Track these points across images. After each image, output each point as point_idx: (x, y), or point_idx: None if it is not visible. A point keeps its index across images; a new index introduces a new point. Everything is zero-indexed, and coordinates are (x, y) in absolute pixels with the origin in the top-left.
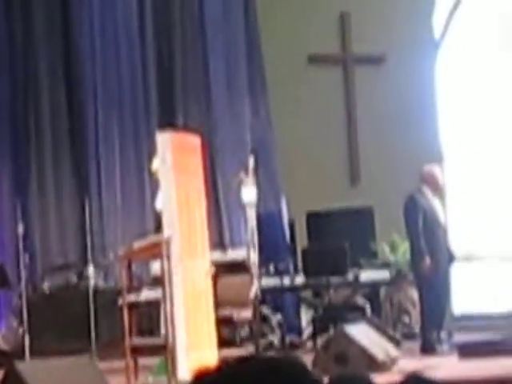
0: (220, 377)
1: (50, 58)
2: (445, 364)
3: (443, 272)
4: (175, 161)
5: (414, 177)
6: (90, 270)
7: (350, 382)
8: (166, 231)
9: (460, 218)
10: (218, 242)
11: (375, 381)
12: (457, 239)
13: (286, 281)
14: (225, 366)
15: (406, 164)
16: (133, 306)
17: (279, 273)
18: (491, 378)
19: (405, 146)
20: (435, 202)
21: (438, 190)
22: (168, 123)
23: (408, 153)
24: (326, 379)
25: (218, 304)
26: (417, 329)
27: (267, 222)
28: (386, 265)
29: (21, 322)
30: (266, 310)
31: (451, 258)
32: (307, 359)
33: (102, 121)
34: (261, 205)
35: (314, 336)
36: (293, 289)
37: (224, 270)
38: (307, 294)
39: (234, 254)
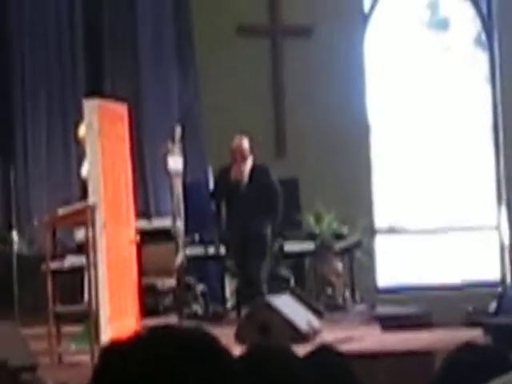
0: (127, 348)
1: None
2: (367, 336)
3: None
4: (102, 128)
5: (341, 149)
6: (14, 235)
7: (268, 353)
8: (91, 198)
9: (385, 190)
10: (144, 211)
11: (297, 352)
12: (381, 211)
13: (211, 250)
14: (136, 337)
15: (333, 136)
16: (56, 273)
17: (204, 242)
18: (412, 350)
19: (332, 117)
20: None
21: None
22: (95, 91)
23: (335, 125)
24: (245, 349)
25: (142, 272)
26: (340, 300)
27: (193, 192)
28: (310, 236)
29: None
30: (190, 279)
31: None
32: (231, 330)
33: (29, 88)
34: (187, 174)
35: (237, 306)
36: (217, 258)
37: (149, 238)
38: (232, 264)
39: (160, 223)
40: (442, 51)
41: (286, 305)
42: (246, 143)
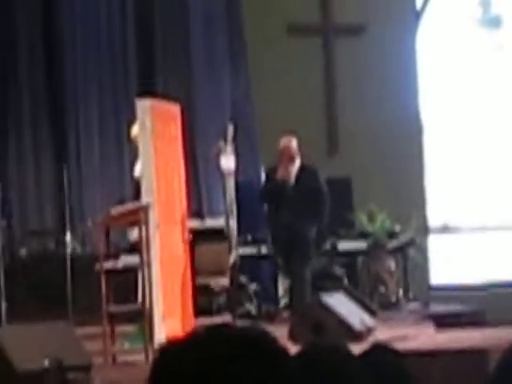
0: (183, 347)
1: (28, 28)
2: (420, 334)
3: None
4: (155, 128)
5: (394, 147)
6: (68, 236)
7: (323, 351)
8: (144, 198)
9: (438, 188)
10: (197, 210)
11: (351, 350)
12: (434, 210)
13: (264, 250)
14: (191, 336)
15: (386, 135)
16: (110, 273)
17: (257, 241)
18: (467, 349)
19: (384, 116)
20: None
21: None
22: (147, 91)
23: (388, 123)
24: (300, 348)
25: (195, 272)
26: (393, 299)
27: (246, 191)
28: (363, 235)
29: None
30: (243, 278)
31: None
32: (284, 329)
33: (81, 88)
34: (240, 173)
35: (290, 305)
36: (270, 258)
37: (202, 237)
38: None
39: (213, 222)
40: (494, 49)
41: (340, 303)
42: (294, 143)
